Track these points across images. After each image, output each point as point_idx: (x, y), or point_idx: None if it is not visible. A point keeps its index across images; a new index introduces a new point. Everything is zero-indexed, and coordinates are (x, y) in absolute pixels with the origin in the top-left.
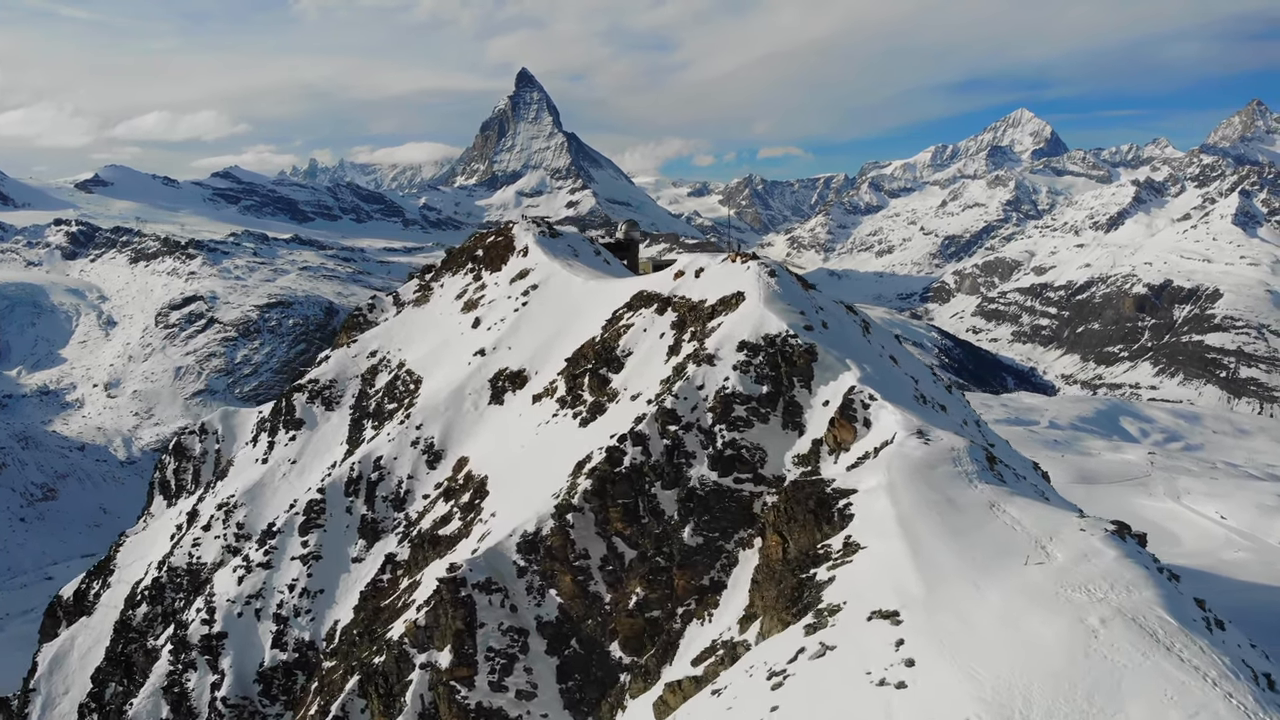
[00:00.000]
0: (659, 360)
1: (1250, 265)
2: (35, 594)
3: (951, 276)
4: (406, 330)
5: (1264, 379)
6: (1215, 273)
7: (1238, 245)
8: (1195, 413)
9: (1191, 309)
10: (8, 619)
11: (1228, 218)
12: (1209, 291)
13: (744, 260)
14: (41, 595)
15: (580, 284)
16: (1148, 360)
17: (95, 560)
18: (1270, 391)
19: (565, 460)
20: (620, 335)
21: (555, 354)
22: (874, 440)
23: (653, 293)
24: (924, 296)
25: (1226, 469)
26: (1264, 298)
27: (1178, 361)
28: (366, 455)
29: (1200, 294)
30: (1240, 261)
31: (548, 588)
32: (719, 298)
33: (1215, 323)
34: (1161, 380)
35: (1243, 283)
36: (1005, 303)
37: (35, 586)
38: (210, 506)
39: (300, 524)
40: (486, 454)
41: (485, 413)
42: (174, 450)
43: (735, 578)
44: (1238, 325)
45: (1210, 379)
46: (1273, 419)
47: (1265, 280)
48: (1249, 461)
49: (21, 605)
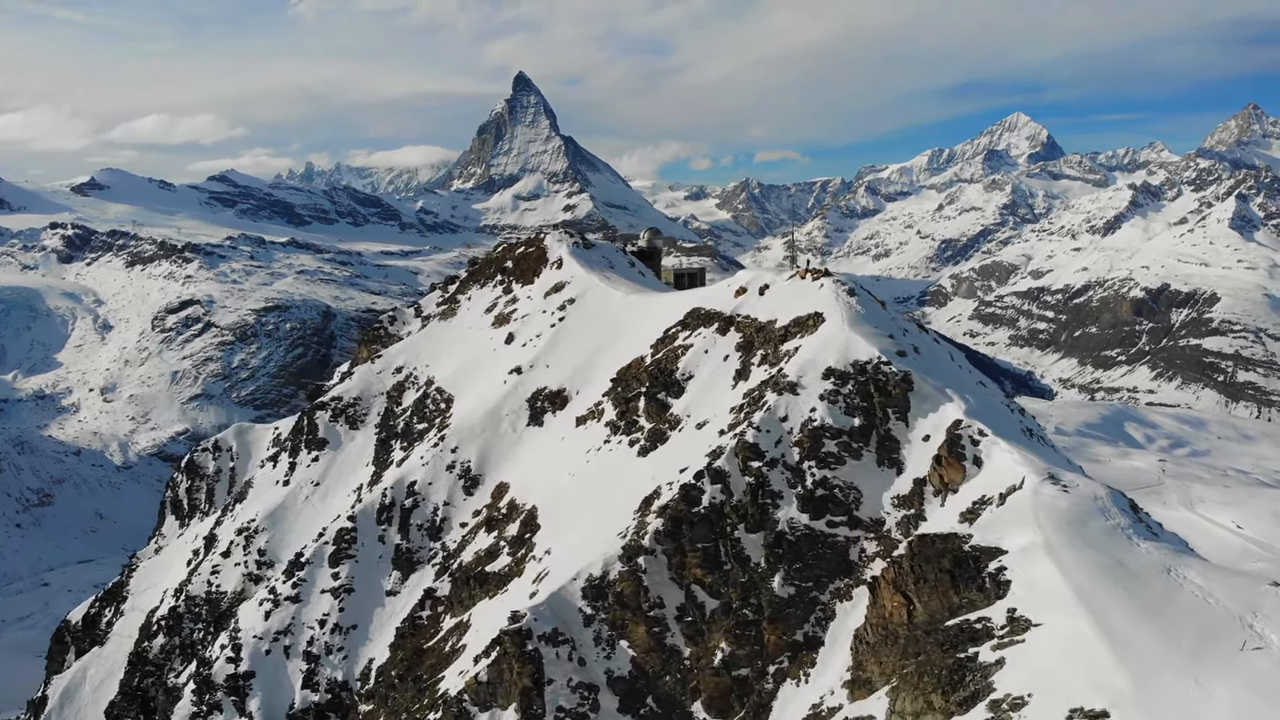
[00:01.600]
0: (724, 385)
1: (1247, 269)
2: (31, 600)
3: (948, 280)
4: (433, 345)
5: (1262, 383)
6: (1212, 277)
7: (1235, 249)
8: (1199, 418)
9: (1189, 313)
10: (4, 626)
11: (1224, 221)
12: (1206, 295)
13: (815, 276)
14: (37, 601)
15: (620, 298)
16: (1145, 364)
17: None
18: (1268, 395)
19: (626, 493)
20: (678, 356)
21: (597, 373)
22: (989, 482)
23: (711, 310)
24: (921, 300)
25: (1238, 476)
26: (1261, 301)
27: (1175, 365)
28: (399, 480)
29: (1198, 298)
30: (1237, 265)
31: (618, 638)
32: (792, 318)
33: (1213, 327)
34: (1159, 384)
35: (1240, 287)
36: (1002, 306)
37: (31, 593)
38: (229, 531)
39: (330, 554)
40: (529, 480)
41: (524, 435)
42: (186, 468)
43: (833, 634)
44: (1235, 329)
45: (1208, 383)
46: (1271, 423)
47: (1262, 284)
48: (1257, 468)
49: (17, 612)
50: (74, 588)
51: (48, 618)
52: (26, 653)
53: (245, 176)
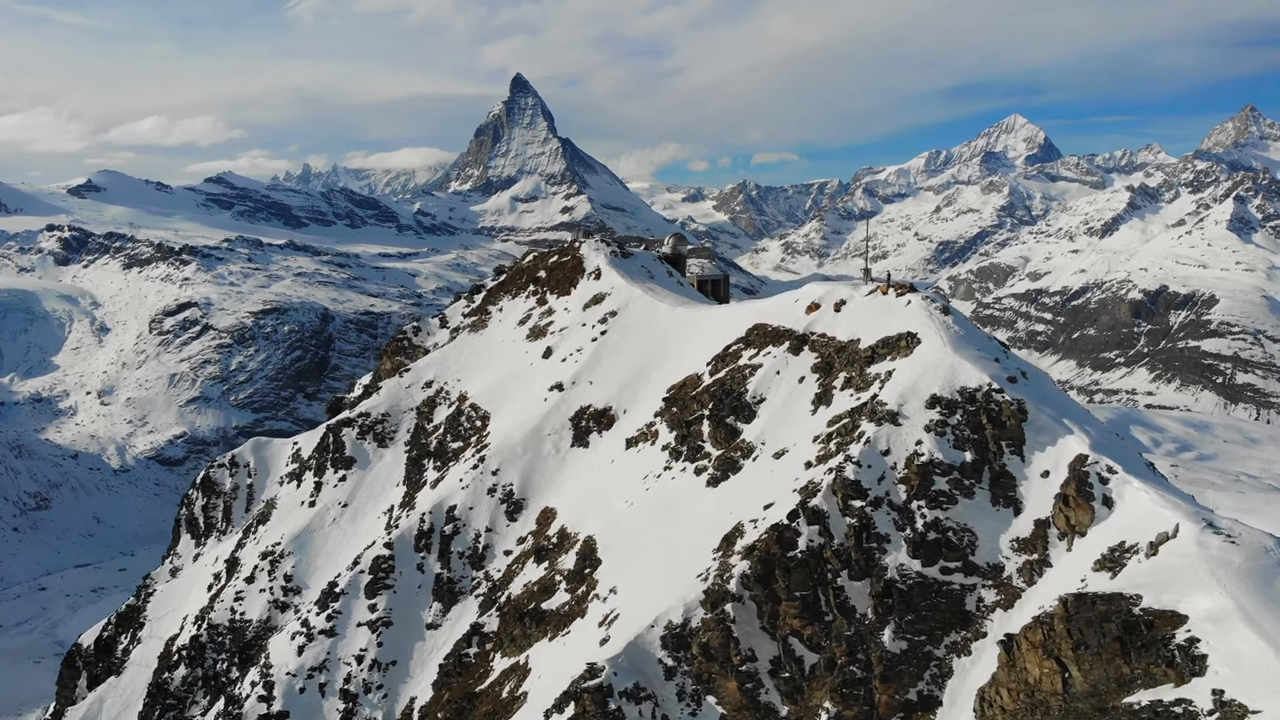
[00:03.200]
0: (802, 410)
1: (1246, 271)
2: (29, 605)
3: (946, 282)
4: (464, 358)
5: (1260, 384)
6: (1211, 278)
7: (1233, 251)
8: (1205, 420)
9: (1187, 315)
10: (2, 631)
11: (1223, 223)
12: (1205, 297)
13: (899, 292)
14: (35, 606)
15: (667, 311)
16: (1144, 366)
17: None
18: (1267, 397)
19: (699, 528)
20: (745, 376)
21: (645, 391)
22: (1125, 525)
23: (780, 327)
24: None
25: (1249, 481)
26: (1260, 303)
27: (1174, 367)
28: (438, 504)
29: (1196, 300)
30: (1236, 267)
31: (704, 693)
32: (878, 338)
33: (1211, 328)
34: (1158, 386)
35: (1238, 288)
36: (1000, 308)
37: (29, 597)
38: (253, 554)
39: (367, 584)
40: (578, 507)
41: (568, 456)
42: (202, 485)
43: (951, 693)
44: (1234, 331)
45: (1207, 385)
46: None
47: (1261, 286)
48: (1265, 472)
49: (15, 617)
50: (71, 592)
51: (45, 622)
52: (25, 658)
53: (242, 178)
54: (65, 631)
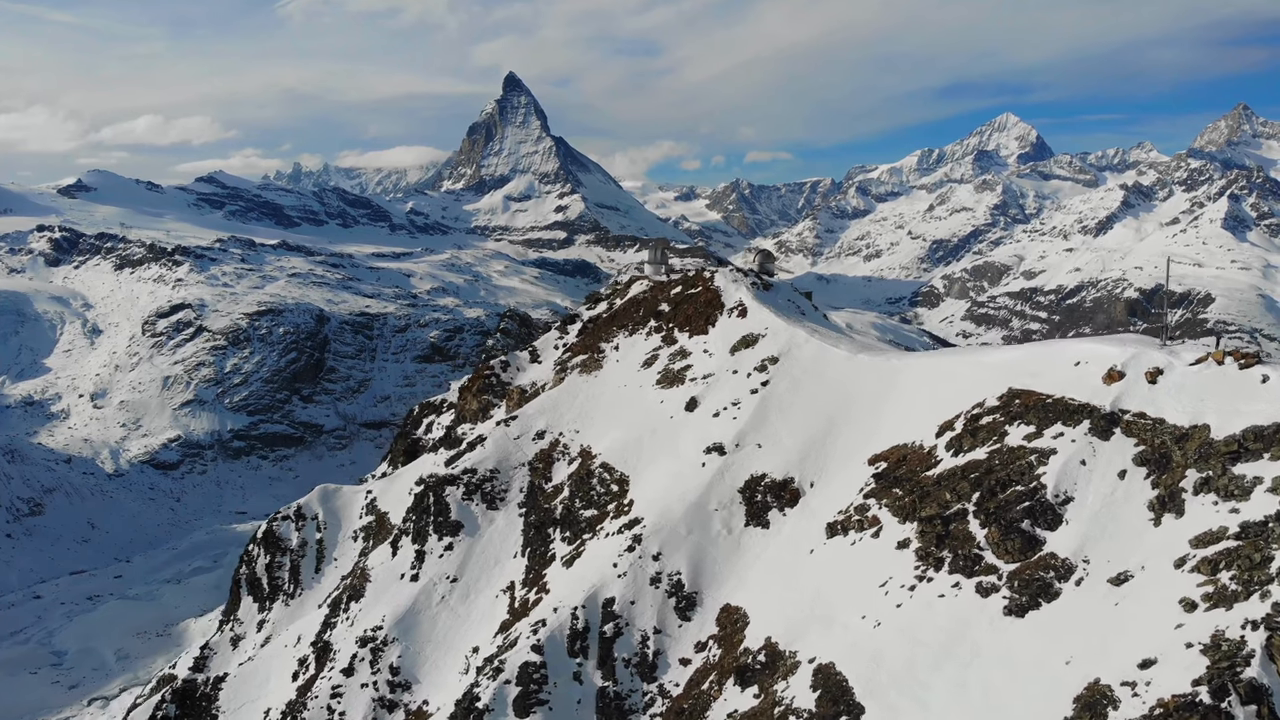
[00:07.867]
0: (1138, 520)
1: (1241, 269)
2: (23, 614)
3: (940, 281)
4: (580, 405)
5: None
6: (1206, 277)
7: (1228, 249)
8: None
9: (1183, 314)
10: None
11: (1217, 222)
12: (1201, 296)
13: (1244, 362)
14: (30, 615)
15: (844, 359)
16: None
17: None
18: None
19: (1018, 679)
20: (1031, 465)
21: (836, 460)
22: None
23: (1062, 399)
24: (913, 301)
25: None
26: (1256, 302)
27: None
28: (591, 595)
29: (1192, 298)
30: (1231, 266)
31: None
32: (1243, 427)
33: (1208, 327)
34: None
35: (1234, 287)
36: (995, 307)
37: (24, 606)
38: (346, 638)
39: (515, 698)
40: (783, 614)
41: (742, 540)
42: (264, 541)
43: None
44: (1230, 330)
45: None
46: None
47: (1256, 284)
48: None
49: (10, 626)
50: (66, 600)
51: (41, 632)
52: (21, 669)
53: (233, 177)
54: (61, 641)
